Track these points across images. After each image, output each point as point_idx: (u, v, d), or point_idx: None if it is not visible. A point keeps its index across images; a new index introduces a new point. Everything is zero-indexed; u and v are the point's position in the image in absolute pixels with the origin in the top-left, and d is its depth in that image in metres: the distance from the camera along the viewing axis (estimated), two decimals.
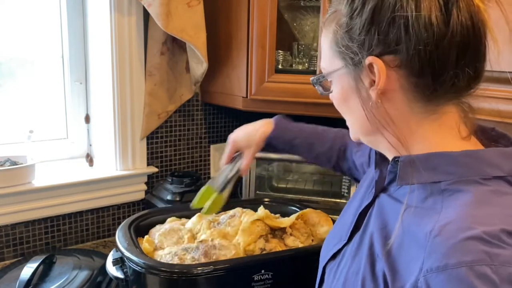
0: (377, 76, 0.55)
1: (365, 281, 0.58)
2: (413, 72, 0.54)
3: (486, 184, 0.53)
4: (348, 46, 0.57)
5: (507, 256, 0.45)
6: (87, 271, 1.13)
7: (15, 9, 1.38)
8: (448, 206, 0.52)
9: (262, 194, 1.53)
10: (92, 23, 1.44)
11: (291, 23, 1.48)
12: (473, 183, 0.53)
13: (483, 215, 0.49)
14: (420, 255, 0.50)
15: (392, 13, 0.53)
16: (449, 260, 0.46)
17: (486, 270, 0.44)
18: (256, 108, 1.38)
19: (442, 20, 0.52)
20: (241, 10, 1.35)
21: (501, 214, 0.49)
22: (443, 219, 0.50)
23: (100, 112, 1.48)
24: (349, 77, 0.60)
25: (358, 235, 0.66)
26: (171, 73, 1.48)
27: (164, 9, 1.28)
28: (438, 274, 0.47)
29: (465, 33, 0.53)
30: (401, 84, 0.56)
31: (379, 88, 0.56)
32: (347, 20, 0.57)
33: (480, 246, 0.46)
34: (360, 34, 0.55)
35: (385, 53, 0.54)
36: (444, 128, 0.58)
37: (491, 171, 0.54)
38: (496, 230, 0.47)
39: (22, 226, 1.32)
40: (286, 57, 1.44)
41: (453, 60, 0.54)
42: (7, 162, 1.30)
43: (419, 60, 0.53)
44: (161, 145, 1.56)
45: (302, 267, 0.97)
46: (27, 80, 1.45)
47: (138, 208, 1.53)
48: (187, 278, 0.87)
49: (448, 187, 0.54)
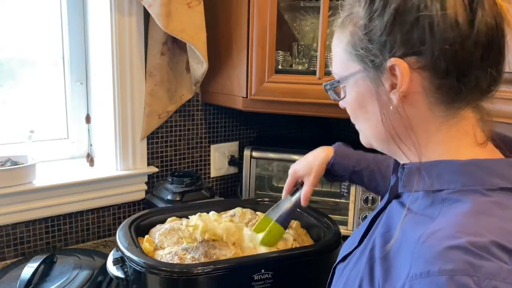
0: (399, 78, 0.54)
1: (362, 282, 0.58)
2: (438, 73, 0.53)
3: (489, 195, 0.51)
4: (367, 48, 0.56)
5: (493, 268, 0.44)
6: (87, 271, 1.13)
7: (15, 9, 1.38)
8: (445, 214, 0.51)
9: (262, 194, 1.54)
10: (92, 24, 1.45)
11: (291, 23, 1.48)
12: (474, 193, 0.52)
13: (474, 225, 0.48)
14: (408, 261, 0.49)
15: (416, 13, 0.52)
16: (431, 267, 0.46)
17: (467, 281, 0.43)
18: (256, 108, 1.38)
19: (467, 19, 0.51)
20: (241, 10, 1.35)
21: (496, 226, 0.48)
22: (433, 226, 0.50)
23: (101, 112, 1.49)
24: (367, 80, 0.58)
25: (367, 239, 0.66)
26: (171, 74, 1.48)
27: (165, 10, 1.28)
28: (421, 281, 0.46)
29: (489, 33, 0.52)
30: (424, 87, 0.54)
31: (401, 90, 0.54)
32: (366, 22, 0.55)
33: (463, 256, 0.45)
34: (382, 35, 0.54)
35: (408, 54, 0.53)
36: (461, 133, 0.57)
37: (497, 182, 0.52)
38: (485, 242, 0.45)
39: (23, 226, 1.32)
40: (286, 57, 1.44)
41: (477, 61, 0.52)
42: (7, 162, 1.31)
43: (444, 61, 0.52)
44: (162, 145, 1.56)
45: (302, 267, 0.98)
46: (28, 80, 1.45)
47: (138, 208, 1.53)
48: (187, 277, 0.88)
49: (448, 196, 0.53)
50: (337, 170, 1.00)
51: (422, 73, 0.54)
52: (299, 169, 1.02)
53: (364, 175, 1.00)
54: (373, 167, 0.99)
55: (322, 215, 1.17)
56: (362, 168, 0.99)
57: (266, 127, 1.83)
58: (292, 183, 1.04)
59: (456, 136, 0.57)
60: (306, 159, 1.03)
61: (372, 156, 1.00)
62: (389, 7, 0.53)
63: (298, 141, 1.77)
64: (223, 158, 1.73)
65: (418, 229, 0.51)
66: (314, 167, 1.00)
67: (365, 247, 0.63)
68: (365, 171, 0.99)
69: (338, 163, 0.99)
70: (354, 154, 1.01)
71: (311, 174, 1.00)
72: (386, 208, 0.66)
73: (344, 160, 0.99)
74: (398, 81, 0.54)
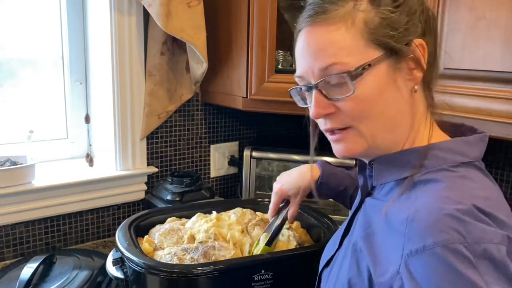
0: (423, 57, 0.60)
1: (351, 278, 0.60)
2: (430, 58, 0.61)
3: (455, 171, 0.57)
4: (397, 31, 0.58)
5: (480, 232, 0.48)
6: (87, 271, 1.13)
7: (15, 9, 1.38)
8: (423, 194, 0.55)
9: (262, 194, 1.53)
10: (92, 23, 1.44)
11: (291, 23, 1.48)
12: (442, 171, 0.57)
13: (453, 196, 0.52)
14: (400, 243, 0.52)
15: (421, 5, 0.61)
16: (425, 242, 0.49)
17: (460, 247, 0.47)
18: (256, 108, 1.38)
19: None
20: (241, 10, 1.35)
21: (469, 195, 0.53)
22: (417, 205, 0.54)
23: (100, 112, 1.48)
24: (386, 66, 0.58)
25: (347, 239, 0.69)
26: (171, 73, 1.48)
27: (164, 9, 1.28)
28: (417, 257, 0.49)
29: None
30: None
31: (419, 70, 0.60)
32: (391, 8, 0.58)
33: (453, 224, 0.49)
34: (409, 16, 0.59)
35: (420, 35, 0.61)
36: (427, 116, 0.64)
37: (458, 159, 0.59)
38: (468, 207, 0.50)
39: (22, 226, 1.32)
40: (286, 57, 1.44)
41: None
42: (7, 162, 1.30)
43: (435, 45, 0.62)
44: (161, 145, 1.56)
45: (302, 267, 0.97)
46: (27, 80, 1.45)
47: (138, 208, 1.53)
48: (187, 278, 0.87)
49: (420, 178, 0.58)
50: (323, 190, 0.99)
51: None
52: (287, 190, 1.00)
53: (348, 194, 1.00)
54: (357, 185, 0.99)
55: (322, 215, 1.17)
56: (347, 186, 1.00)
57: (266, 127, 1.83)
58: (279, 202, 1.03)
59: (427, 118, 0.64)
60: (292, 178, 1.01)
61: (354, 174, 1.00)
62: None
63: (298, 141, 1.77)
64: (223, 158, 1.72)
65: (401, 212, 0.55)
66: (301, 188, 0.98)
67: (347, 246, 0.66)
68: (350, 190, 1.00)
69: (325, 183, 0.99)
70: (339, 173, 1.01)
71: (299, 195, 0.99)
72: (361, 208, 0.69)
73: (330, 181, 0.99)
74: (421, 60, 0.60)
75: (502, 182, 1.31)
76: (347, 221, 0.72)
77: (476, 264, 0.46)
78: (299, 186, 0.98)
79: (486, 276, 0.46)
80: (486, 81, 0.93)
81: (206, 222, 1.06)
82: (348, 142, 0.62)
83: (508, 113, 0.88)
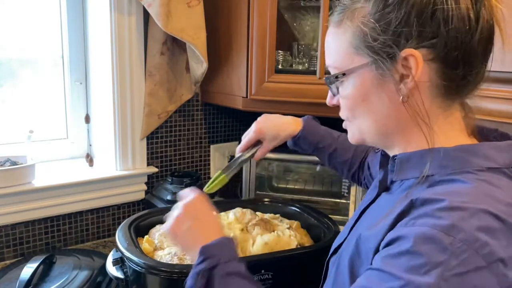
0: (413, 69, 0.56)
1: (353, 262, 0.62)
2: (448, 65, 0.56)
3: (479, 175, 0.55)
4: (380, 40, 0.57)
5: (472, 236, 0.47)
6: (87, 271, 1.13)
7: (15, 9, 1.38)
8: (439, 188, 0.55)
9: (262, 194, 1.53)
10: (92, 23, 1.44)
11: (291, 23, 1.48)
12: (466, 173, 0.56)
13: (468, 195, 0.52)
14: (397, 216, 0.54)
15: (434, 6, 0.54)
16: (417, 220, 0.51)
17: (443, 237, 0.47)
18: (256, 108, 1.38)
19: (475, 15, 0.55)
20: (241, 10, 1.35)
21: (488, 199, 0.51)
22: (429, 194, 0.54)
23: (100, 112, 1.48)
24: (374, 72, 0.59)
25: (354, 228, 0.70)
26: (171, 73, 1.48)
27: (164, 9, 1.28)
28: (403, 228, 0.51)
29: (489, 30, 0.57)
30: (431, 79, 0.58)
31: (415, 80, 0.56)
32: (380, 14, 0.57)
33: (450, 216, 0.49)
34: (397, 27, 0.56)
35: (420, 46, 0.56)
36: (452, 125, 0.61)
37: (484, 163, 0.57)
38: (476, 209, 0.49)
39: (22, 226, 1.32)
40: (286, 57, 1.44)
41: (480, 55, 0.57)
42: (7, 162, 1.30)
43: (455, 52, 0.55)
44: (161, 145, 1.56)
45: (302, 267, 0.97)
46: (27, 80, 1.45)
47: (138, 208, 1.53)
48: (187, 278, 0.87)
49: (442, 178, 0.57)
50: (301, 144, 1.02)
51: (431, 65, 0.57)
52: (265, 131, 1.01)
53: (326, 153, 1.03)
54: (336, 146, 1.02)
55: (322, 215, 1.17)
56: (326, 145, 1.02)
57: None
58: (254, 140, 1.02)
59: (450, 127, 0.61)
60: (274, 125, 1.02)
61: (337, 134, 1.03)
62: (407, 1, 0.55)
63: None
64: (223, 158, 1.72)
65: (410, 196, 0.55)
66: (280, 136, 1.00)
67: (353, 235, 0.66)
68: (328, 149, 1.02)
69: (304, 137, 1.01)
70: (321, 130, 1.03)
71: (275, 141, 1.01)
72: (375, 201, 0.69)
73: (310, 136, 1.01)
74: (412, 71, 0.56)
75: None
76: (358, 211, 0.72)
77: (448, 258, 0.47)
78: (278, 134, 1.00)
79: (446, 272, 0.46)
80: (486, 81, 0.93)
81: None
82: (349, 131, 0.69)
83: (508, 113, 0.88)
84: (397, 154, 0.63)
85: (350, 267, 0.62)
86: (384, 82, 0.59)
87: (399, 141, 0.63)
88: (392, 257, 0.50)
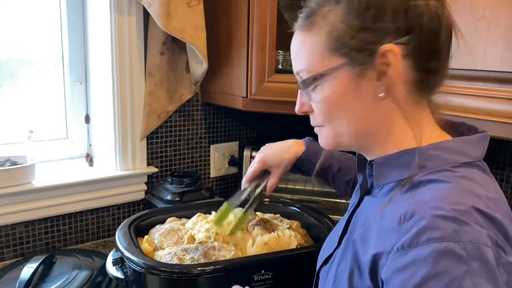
0: (392, 64, 0.57)
1: (352, 274, 0.61)
2: (421, 60, 0.58)
3: (456, 171, 0.56)
4: (358, 38, 0.57)
5: (475, 233, 0.48)
6: (87, 271, 1.13)
7: (15, 9, 1.38)
8: (423, 193, 0.55)
9: None
10: (92, 23, 1.44)
11: (291, 23, 1.48)
12: (444, 171, 0.56)
13: (453, 195, 0.52)
14: (394, 237, 0.53)
15: (408, 2, 0.56)
16: (420, 238, 0.49)
17: (454, 246, 0.47)
18: (256, 108, 1.38)
19: (441, 12, 0.58)
20: (241, 10, 1.35)
21: (470, 195, 0.53)
22: (415, 202, 0.54)
23: (100, 112, 1.48)
24: (349, 73, 0.59)
25: (345, 237, 0.69)
26: (171, 73, 1.48)
27: (164, 9, 1.28)
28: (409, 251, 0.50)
29: (450, 28, 0.60)
30: (406, 74, 0.58)
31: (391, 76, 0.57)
32: (357, 12, 0.57)
33: (449, 224, 0.49)
34: (374, 24, 0.56)
35: (396, 42, 0.56)
36: (428, 120, 0.63)
37: (460, 159, 0.58)
38: (466, 207, 0.50)
39: (22, 226, 1.32)
40: (286, 57, 1.44)
41: (447, 51, 0.59)
42: (7, 162, 1.30)
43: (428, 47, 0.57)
44: (161, 145, 1.56)
45: (302, 267, 0.97)
46: (27, 80, 1.45)
47: (138, 208, 1.53)
48: (187, 278, 0.87)
49: (422, 178, 0.57)
50: (305, 166, 1.01)
51: (406, 61, 0.58)
52: (269, 160, 1.00)
53: (330, 173, 1.02)
54: (340, 165, 1.01)
55: (322, 215, 1.17)
56: (330, 165, 1.01)
57: (266, 127, 1.83)
58: (259, 171, 1.01)
59: (422, 122, 0.62)
60: (276, 150, 1.01)
61: (338, 154, 1.03)
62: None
63: None
64: (223, 158, 1.72)
65: (399, 209, 0.55)
66: (284, 160, 0.99)
67: (347, 244, 0.66)
68: (332, 169, 1.01)
69: (308, 160, 1.00)
70: (323, 150, 1.00)
71: (280, 167, 1.00)
72: (360, 206, 0.69)
73: (313, 158, 1.00)
74: (391, 66, 0.57)
75: (502, 182, 1.31)
76: (344, 219, 0.73)
77: (468, 264, 0.46)
78: (282, 158, 0.99)
79: (475, 277, 0.46)
80: (486, 81, 0.93)
81: (207, 222, 1.06)
82: (322, 138, 0.68)
83: (508, 113, 0.88)
84: (374, 159, 0.64)
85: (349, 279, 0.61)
86: (362, 81, 0.59)
87: (379, 141, 0.63)
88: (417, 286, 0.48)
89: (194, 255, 0.95)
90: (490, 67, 0.91)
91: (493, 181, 0.60)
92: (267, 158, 1.00)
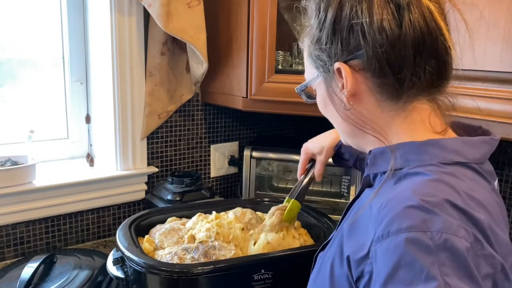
0: (344, 80, 0.61)
1: (334, 261, 0.62)
2: (375, 73, 0.60)
3: (443, 167, 0.57)
4: (319, 56, 0.64)
5: (444, 223, 0.48)
6: (87, 271, 1.13)
7: (15, 9, 1.38)
8: (403, 184, 0.57)
9: (262, 194, 1.54)
10: (92, 24, 1.45)
11: (291, 23, 1.48)
12: (431, 166, 0.57)
13: (428, 188, 0.53)
14: (374, 228, 0.54)
15: (350, 21, 0.59)
16: (391, 228, 0.50)
17: (422, 236, 0.48)
18: (256, 108, 1.38)
19: (395, 23, 0.57)
20: (241, 10, 1.35)
21: (448, 189, 0.53)
22: (393, 193, 0.55)
23: (101, 112, 1.49)
24: (323, 84, 0.66)
25: (340, 225, 0.72)
26: (171, 73, 1.48)
27: (165, 10, 1.28)
28: (382, 242, 0.51)
29: (418, 33, 0.57)
30: (368, 86, 0.61)
31: (348, 90, 0.61)
32: (316, 32, 0.63)
33: (418, 213, 0.49)
34: (327, 44, 0.62)
35: (349, 58, 0.60)
36: (416, 124, 0.62)
37: (453, 157, 0.58)
38: (439, 199, 0.50)
39: (23, 226, 1.32)
40: (286, 57, 1.44)
41: (410, 59, 0.58)
42: (7, 162, 1.31)
43: (378, 61, 0.58)
44: (162, 145, 1.56)
45: (302, 267, 0.97)
46: (28, 81, 1.45)
47: (138, 208, 1.53)
48: (187, 277, 0.88)
49: (409, 171, 0.58)
50: (344, 153, 1.06)
51: (363, 74, 0.60)
52: (311, 147, 1.08)
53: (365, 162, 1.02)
54: None
55: (322, 215, 1.17)
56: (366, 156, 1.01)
57: (266, 127, 1.83)
58: (306, 161, 1.10)
59: (410, 126, 0.62)
60: (318, 139, 1.09)
61: None
62: (328, 17, 0.61)
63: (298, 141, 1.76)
64: (223, 158, 1.72)
65: (380, 200, 0.56)
66: (325, 146, 1.06)
67: (338, 232, 0.68)
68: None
69: (345, 147, 1.03)
70: None
71: (322, 153, 1.06)
72: (359, 197, 0.71)
73: None
74: (344, 82, 0.61)
75: (502, 182, 1.31)
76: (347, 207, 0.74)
77: (435, 253, 0.47)
78: (322, 145, 1.06)
79: (443, 267, 0.46)
80: (486, 81, 0.93)
81: (208, 222, 1.06)
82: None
83: (508, 113, 0.89)
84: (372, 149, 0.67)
85: (331, 264, 0.63)
86: (333, 92, 0.65)
87: (368, 141, 0.66)
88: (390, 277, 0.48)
89: (194, 254, 0.95)
90: (489, 67, 0.92)
91: (488, 186, 0.59)
92: (309, 146, 1.09)
